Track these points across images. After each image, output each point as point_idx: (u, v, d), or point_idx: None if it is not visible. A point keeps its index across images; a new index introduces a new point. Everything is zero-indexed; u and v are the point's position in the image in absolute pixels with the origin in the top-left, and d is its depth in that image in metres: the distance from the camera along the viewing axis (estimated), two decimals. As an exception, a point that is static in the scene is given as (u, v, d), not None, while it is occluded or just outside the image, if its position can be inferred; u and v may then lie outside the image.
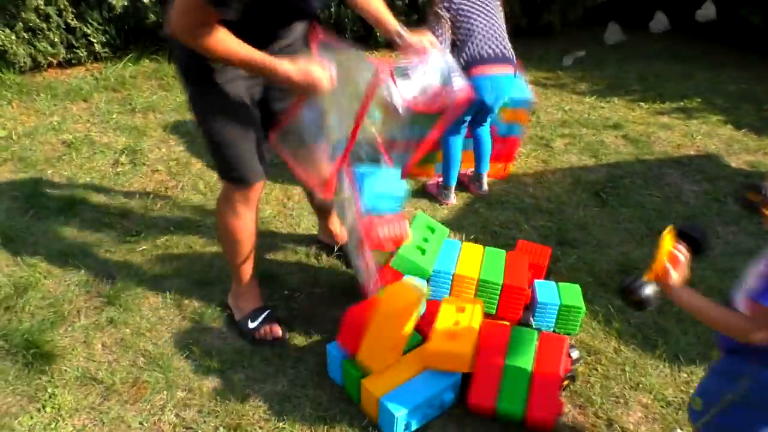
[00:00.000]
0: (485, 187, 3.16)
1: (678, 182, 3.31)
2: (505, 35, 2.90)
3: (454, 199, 3.12)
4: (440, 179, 3.14)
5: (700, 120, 4.09)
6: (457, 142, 3.02)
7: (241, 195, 2.07)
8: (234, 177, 2.03)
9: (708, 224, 2.92)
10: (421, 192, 3.18)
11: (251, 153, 1.99)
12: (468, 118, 2.94)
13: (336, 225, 2.64)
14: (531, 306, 2.23)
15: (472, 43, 2.78)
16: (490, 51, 2.79)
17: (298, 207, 3.04)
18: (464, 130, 3.03)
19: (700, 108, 4.29)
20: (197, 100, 1.95)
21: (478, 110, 2.87)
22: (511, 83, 2.89)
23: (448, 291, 2.18)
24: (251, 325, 2.22)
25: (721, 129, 3.96)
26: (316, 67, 1.73)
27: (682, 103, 4.35)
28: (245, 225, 2.14)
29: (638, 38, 5.84)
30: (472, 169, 3.18)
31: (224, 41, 1.65)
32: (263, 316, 2.23)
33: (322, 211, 2.62)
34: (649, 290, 1.38)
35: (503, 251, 2.32)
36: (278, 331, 2.20)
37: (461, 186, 3.18)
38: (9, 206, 2.96)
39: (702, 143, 3.76)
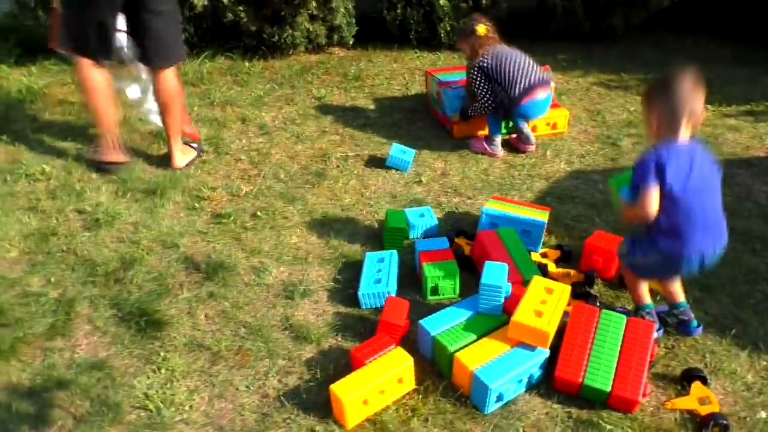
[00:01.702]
0: (530, 137, 3.64)
1: (748, 182, 3.33)
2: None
3: (501, 151, 3.62)
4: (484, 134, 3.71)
5: (768, 123, 4.09)
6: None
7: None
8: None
9: (781, 223, 2.95)
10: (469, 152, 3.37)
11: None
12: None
13: None
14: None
15: (520, 76, 3.41)
16: (534, 79, 3.44)
17: (375, 196, 3.18)
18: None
19: (767, 111, 4.28)
20: None
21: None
22: (549, 101, 3.58)
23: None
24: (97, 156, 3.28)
25: (791, 132, 3.96)
26: None
27: (749, 106, 4.35)
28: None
29: (702, 43, 5.82)
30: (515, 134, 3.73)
31: None
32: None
33: None
34: None
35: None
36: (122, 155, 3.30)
37: (514, 150, 3.68)
38: (108, 189, 3.17)
39: (771, 145, 3.77)
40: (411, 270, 2.61)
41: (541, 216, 2.70)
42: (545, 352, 2.00)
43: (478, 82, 3.48)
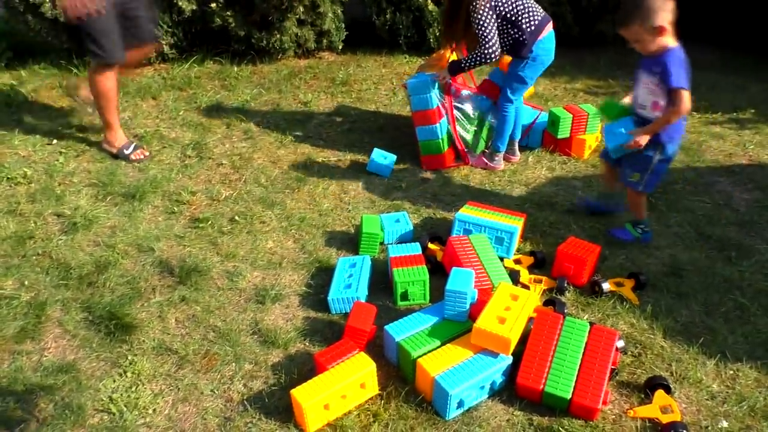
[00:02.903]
0: (517, 151, 3.63)
1: (728, 190, 3.34)
2: None
3: (502, 164, 3.53)
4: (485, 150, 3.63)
5: (753, 130, 4.09)
6: (511, 109, 3.38)
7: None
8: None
9: (758, 231, 2.94)
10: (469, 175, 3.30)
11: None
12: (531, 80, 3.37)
13: None
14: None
15: (534, 8, 3.16)
16: (542, 13, 3.21)
17: (354, 201, 3.19)
18: (520, 99, 3.44)
19: (753, 119, 4.28)
20: None
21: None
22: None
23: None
24: (127, 151, 3.50)
25: (775, 140, 3.96)
26: None
27: (735, 114, 4.35)
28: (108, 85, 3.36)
29: (692, 49, 5.81)
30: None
31: None
32: (132, 145, 3.53)
33: None
34: None
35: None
36: (146, 152, 3.54)
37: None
38: (88, 192, 3.19)
39: (754, 153, 3.77)
40: (384, 275, 2.62)
41: (515, 222, 2.70)
42: (508, 359, 2.01)
43: (485, 22, 3.06)
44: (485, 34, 3.07)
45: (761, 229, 2.97)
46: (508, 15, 3.11)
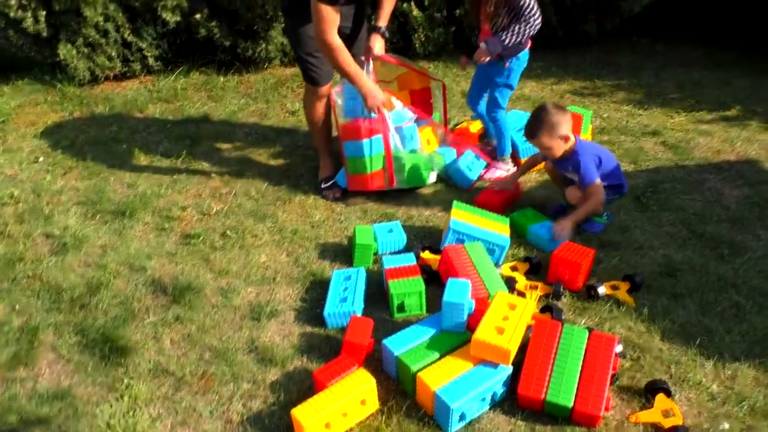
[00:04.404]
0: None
1: (718, 187, 3.35)
2: None
3: (512, 166, 3.50)
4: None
5: (740, 126, 4.11)
6: (503, 114, 3.34)
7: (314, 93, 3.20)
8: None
9: (749, 228, 2.96)
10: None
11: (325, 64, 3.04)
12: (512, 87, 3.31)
13: None
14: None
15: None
16: None
17: (346, 212, 3.17)
18: (505, 104, 3.34)
19: (739, 115, 4.31)
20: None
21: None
22: None
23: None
24: (323, 185, 3.32)
25: (762, 135, 3.98)
26: (378, 91, 2.99)
27: (721, 110, 4.37)
28: (319, 114, 3.26)
29: (677, 46, 5.86)
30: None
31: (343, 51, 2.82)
32: (330, 182, 3.31)
33: None
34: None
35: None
36: (338, 193, 3.28)
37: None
38: (77, 211, 3.16)
39: (742, 149, 3.79)
40: (379, 286, 2.60)
41: (505, 232, 2.72)
42: (508, 369, 2.00)
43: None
44: (530, 2, 2.88)
45: (752, 225, 2.99)
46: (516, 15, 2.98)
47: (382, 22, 3.14)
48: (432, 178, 3.37)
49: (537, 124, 2.81)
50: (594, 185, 2.81)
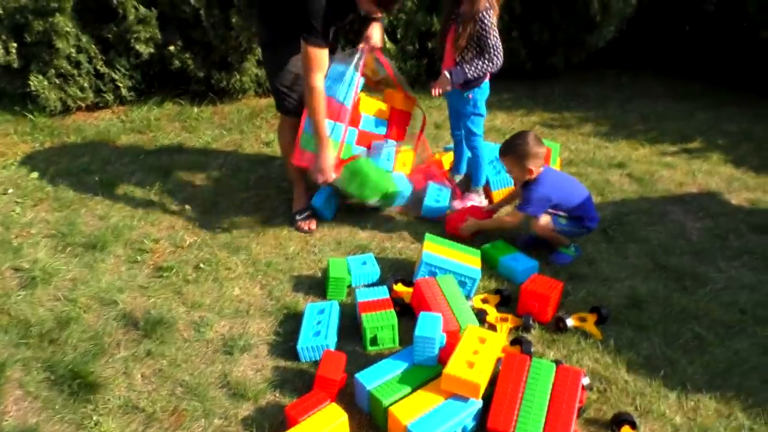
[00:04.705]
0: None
1: (681, 219, 3.46)
2: None
3: (485, 201, 3.56)
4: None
5: (702, 159, 4.26)
6: (480, 141, 3.43)
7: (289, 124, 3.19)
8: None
9: (711, 260, 3.06)
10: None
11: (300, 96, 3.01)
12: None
13: None
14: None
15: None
16: None
17: (320, 243, 3.20)
18: (480, 131, 3.44)
19: (701, 147, 4.47)
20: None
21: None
22: None
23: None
24: (297, 217, 3.32)
25: (722, 167, 4.13)
26: (329, 167, 3.02)
27: (683, 143, 4.53)
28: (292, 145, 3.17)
29: (640, 78, 6.06)
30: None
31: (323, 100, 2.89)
32: (305, 214, 3.31)
33: None
34: None
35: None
36: (313, 224, 3.29)
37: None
38: (47, 244, 3.13)
39: (704, 181, 3.92)
40: (352, 319, 2.63)
41: (476, 264, 2.77)
42: (478, 403, 2.03)
43: (490, 30, 3.01)
44: (495, 43, 3.04)
45: (713, 257, 3.09)
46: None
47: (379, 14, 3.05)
48: (373, 202, 3.29)
49: (511, 147, 2.94)
50: (518, 214, 3.01)
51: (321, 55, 2.78)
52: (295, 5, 2.75)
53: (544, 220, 2.96)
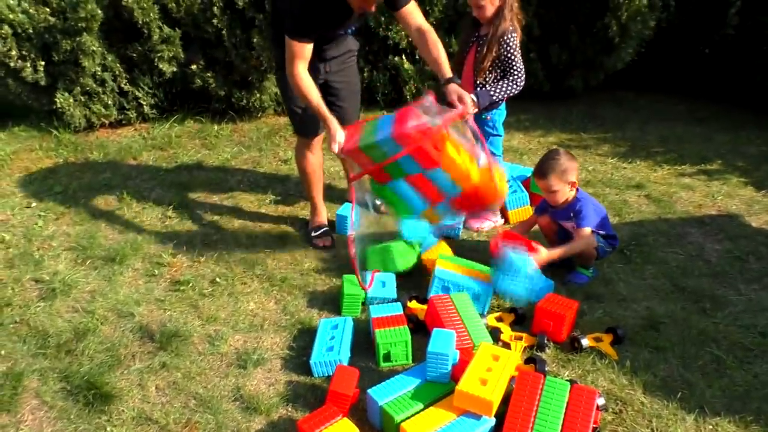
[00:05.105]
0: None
1: (700, 241, 3.42)
2: None
3: (501, 220, 3.57)
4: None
5: (721, 181, 4.22)
6: (500, 162, 3.43)
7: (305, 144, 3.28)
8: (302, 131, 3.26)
9: (731, 282, 3.02)
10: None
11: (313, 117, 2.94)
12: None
13: None
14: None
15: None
16: None
17: (336, 260, 3.21)
18: (500, 152, 3.48)
19: (720, 169, 4.42)
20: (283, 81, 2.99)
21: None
22: None
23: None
24: (313, 234, 3.37)
25: (742, 190, 4.08)
26: (340, 133, 2.77)
27: (702, 165, 4.49)
28: (311, 164, 3.32)
29: (659, 101, 6.04)
30: None
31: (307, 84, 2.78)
32: (321, 231, 3.37)
33: None
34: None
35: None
36: (328, 242, 3.35)
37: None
38: (67, 256, 3.18)
39: (723, 203, 3.88)
40: (366, 335, 2.63)
41: (488, 280, 2.76)
42: (491, 421, 2.01)
43: (515, 52, 3.07)
44: (519, 65, 3.09)
45: (733, 279, 3.05)
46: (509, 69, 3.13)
47: (449, 71, 2.88)
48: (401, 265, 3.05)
49: (549, 166, 2.89)
50: (586, 230, 2.90)
51: (302, 48, 2.75)
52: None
53: (592, 235, 2.93)
